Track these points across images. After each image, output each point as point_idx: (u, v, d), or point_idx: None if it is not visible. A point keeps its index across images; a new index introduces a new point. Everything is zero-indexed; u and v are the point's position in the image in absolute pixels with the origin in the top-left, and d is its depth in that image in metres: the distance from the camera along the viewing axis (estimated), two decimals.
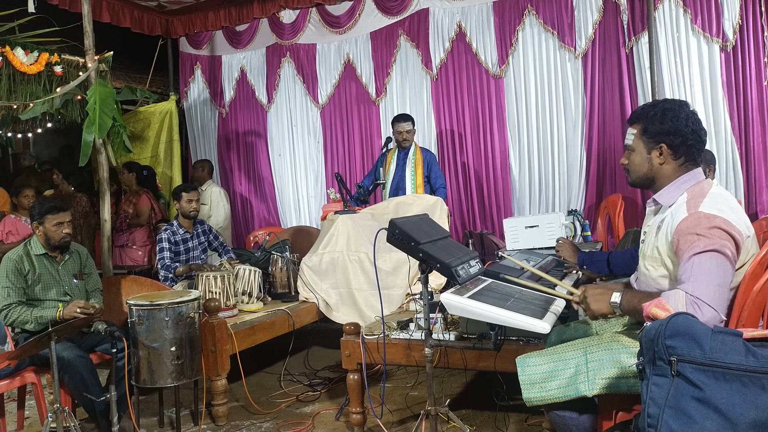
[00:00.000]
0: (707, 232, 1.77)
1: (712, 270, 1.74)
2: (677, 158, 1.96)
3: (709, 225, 1.78)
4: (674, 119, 1.93)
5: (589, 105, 5.10)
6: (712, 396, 1.39)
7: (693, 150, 1.94)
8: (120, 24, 6.03)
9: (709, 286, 1.72)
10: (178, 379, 3.14)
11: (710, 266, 1.74)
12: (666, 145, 1.95)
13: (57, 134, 7.64)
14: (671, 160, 1.96)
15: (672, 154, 1.95)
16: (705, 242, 1.76)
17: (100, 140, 4.34)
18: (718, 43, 4.62)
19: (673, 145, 1.94)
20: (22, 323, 3.26)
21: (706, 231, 1.77)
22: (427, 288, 2.41)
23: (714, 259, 1.74)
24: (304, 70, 6.27)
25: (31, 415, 3.70)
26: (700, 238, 1.77)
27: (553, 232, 3.99)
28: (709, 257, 1.75)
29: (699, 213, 1.81)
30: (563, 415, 2.01)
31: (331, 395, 3.84)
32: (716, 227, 1.77)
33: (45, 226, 3.38)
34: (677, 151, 1.95)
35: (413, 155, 5.04)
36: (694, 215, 1.81)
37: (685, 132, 1.92)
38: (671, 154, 1.95)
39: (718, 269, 1.74)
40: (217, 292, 3.82)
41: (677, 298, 1.73)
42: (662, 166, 1.98)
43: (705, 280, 1.72)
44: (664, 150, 1.96)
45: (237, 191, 6.74)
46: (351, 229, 4.27)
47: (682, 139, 1.93)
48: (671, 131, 1.93)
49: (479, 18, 5.44)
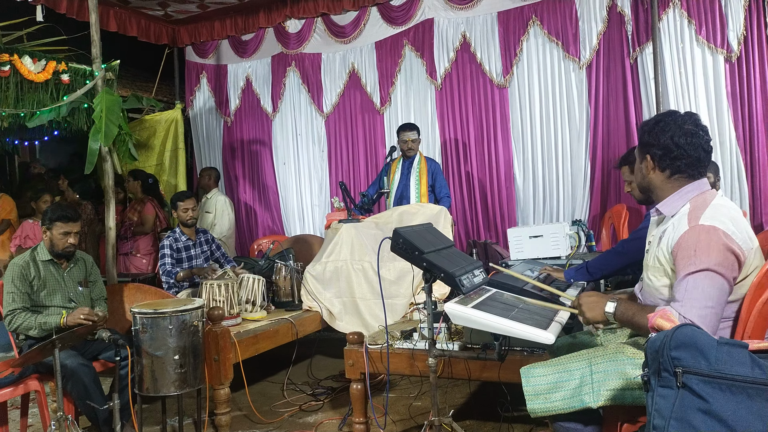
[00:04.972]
0: (705, 249, 1.77)
1: (706, 290, 1.75)
2: (662, 170, 1.98)
3: (708, 240, 1.78)
4: (659, 132, 1.96)
5: (594, 115, 5.10)
6: (717, 408, 1.38)
7: (678, 163, 1.94)
8: (127, 33, 6.09)
9: (700, 309, 1.74)
10: (181, 388, 3.13)
11: (704, 287, 1.75)
12: (650, 156, 1.99)
13: (63, 142, 7.69)
14: (658, 171, 1.99)
15: (656, 166, 1.98)
16: (701, 261, 1.76)
17: (106, 148, 4.36)
18: (722, 54, 4.62)
19: (656, 157, 1.97)
20: (26, 329, 3.26)
21: (704, 248, 1.78)
22: (431, 297, 2.41)
23: (708, 279, 1.76)
24: (309, 79, 6.30)
25: (34, 423, 3.69)
26: (696, 256, 1.78)
27: (557, 242, 3.97)
28: (704, 277, 1.76)
29: (699, 227, 1.81)
30: (568, 427, 2.00)
31: (334, 405, 3.83)
32: (715, 243, 1.77)
33: (52, 232, 3.40)
34: (661, 162, 1.97)
35: (418, 164, 5.04)
36: (695, 229, 1.82)
37: (668, 145, 1.93)
38: (655, 165, 1.99)
39: (712, 289, 1.75)
40: (220, 300, 3.82)
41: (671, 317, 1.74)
42: (650, 176, 2.02)
43: (697, 301, 1.75)
44: (648, 161, 2.00)
45: (241, 200, 6.76)
46: (355, 238, 4.27)
47: (663, 151, 1.95)
48: (653, 143, 1.97)
49: (484, 28, 5.46)
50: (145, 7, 6.11)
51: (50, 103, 4.19)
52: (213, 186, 6.15)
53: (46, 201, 5.23)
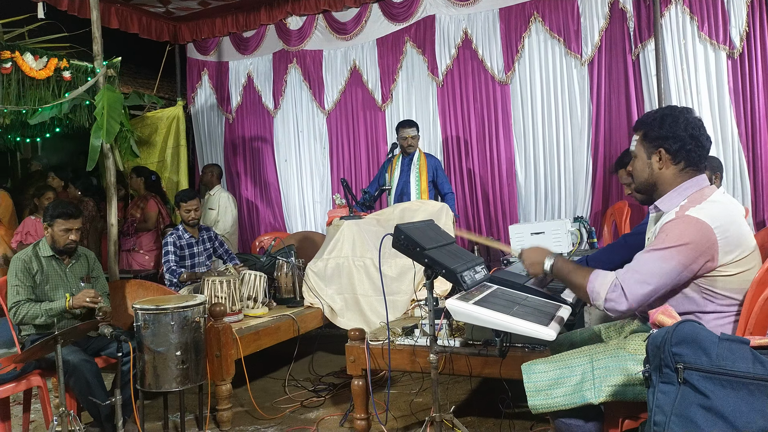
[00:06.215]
0: (676, 234, 1.81)
1: (653, 271, 1.82)
2: (677, 163, 1.97)
3: (685, 228, 1.81)
4: (672, 124, 1.95)
5: (596, 112, 5.09)
6: (718, 404, 1.38)
7: (693, 155, 1.95)
8: (128, 30, 6.09)
9: (640, 284, 1.82)
10: (183, 384, 3.14)
11: (654, 266, 1.82)
12: (664, 149, 1.97)
13: (65, 139, 7.69)
14: (671, 164, 1.97)
15: (671, 159, 1.96)
16: (666, 242, 1.82)
17: (108, 145, 4.36)
18: (724, 50, 4.61)
19: (672, 150, 1.95)
20: (32, 318, 3.27)
21: (677, 233, 1.81)
22: (433, 294, 2.41)
23: (661, 259, 1.81)
24: (311, 76, 6.29)
25: (36, 418, 3.71)
26: (666, 239, 1.83)
27: (559, 239, 3.97)
28: (658, 257, 1.82)
29: (685, 216, 1.84)
30: (569, 423, 2.00)
31: (335, 401, 3.83)
32: (691, 231, 1.80)
33: (53, 229, 3.41)
34: (676, 155, 1.96)
35: (418, 161, 5.04)
36: (678, 217, 1.85)
37: (683, 136, 1.93)
38: (670, 158, 1.96)
39: (660, 270, 1.81)
40: (222, 296, 3.82)
41: (606, 278, 1.89)
42: (662, 171, 1.99)
43: (641, 276, 1.83)
44: (662, 154, 1.97)
45: (243, 196, 6.76)
46: (356, 235, 4.28)
47: (680, 143, 1.94)
48: (669, 136, 1.95)
49: (485, 25, 5.45)
50: (146, 4, 6.11)
51: (52, 100, 4.19)
52: (216, 182, 6.15)
53: (48, 198, 5.24)
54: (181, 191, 4.75)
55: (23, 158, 8.32)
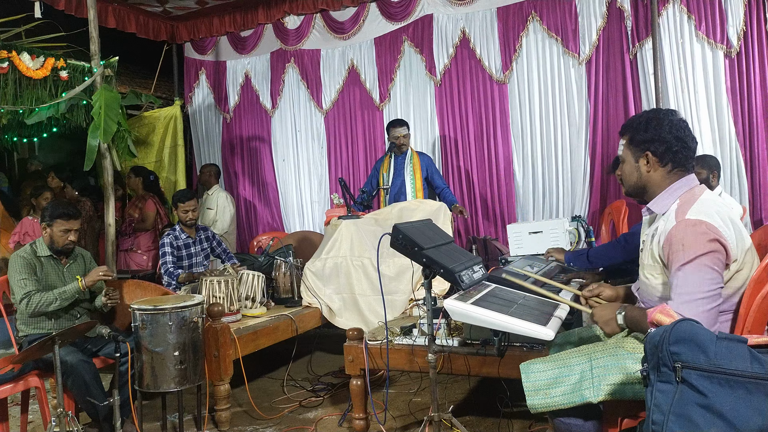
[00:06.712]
0: (692, 242, 1.80)
1: (695, 281, 1.78)
2: (664, 165, 1.99)
3: (694, 233, 1.81)
4: (657, 127, 1.97)
5: (593, 111, 5.10)
6: (716, 403, 1.38)
7: (680, 156, 1.96)
8: (125, 29, 6.07)
9: (693, 301, 1.77)
10: (181, 384, 3.13)
11: (694, 278, 1.78)
12: (651, 152, 1.99)
13: (62, 139, 7.68)
14: (659, 167, 1.99)
15: (658, 161, 1.99)
16: (690, 253, 1.79)
17: (105, 145, 4.35)
18: (722, 50, 4.61)
19: (658, 153, 1.98)
20: (46, 305, 3.26)
21: (692, 240, 1.80)
22: (431, 293, 2.41)
23: (698, 270, 1.78)
24: (308, 75, 6.29)
25: (34, 419, 3.70)
26: (685, 250, 1.80)
27: (557, 238, 3.98)
28: (694, 268, 1.79)
29: (686, 221, 1.84)
30: (568, 422, 2.00)
31: (334, 401, 3.83)
32: (701, 234, 1.80)
33: (53, 230, 3.41)
34: (663, 158, 1.98)
35: (411, 159, 5.05)
36: (681, 223, 1.85)
37: (668, 139, 1.95)
38: (657, 161, 1.99)
39: (703, 280, 1.78)
40: (220, 296, 3.82)
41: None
42: (650, 173, 2.01)
43: (689, 295, 1.78)
44: (649, 157, 1.99)
45: (241, 196, 6.75)
46: (354, 234, 4.27)
47: (666, 146, 1.96)
48: (654, 139, 1.97)
49: (483, 24, 5.45)
50: (143, 4, 6.10)
51: (49, 100, 4.18)
52: (214, 182, 6.15)
53: (46, 198, 5.23)
54: (179, 191, 4.74)
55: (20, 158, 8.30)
